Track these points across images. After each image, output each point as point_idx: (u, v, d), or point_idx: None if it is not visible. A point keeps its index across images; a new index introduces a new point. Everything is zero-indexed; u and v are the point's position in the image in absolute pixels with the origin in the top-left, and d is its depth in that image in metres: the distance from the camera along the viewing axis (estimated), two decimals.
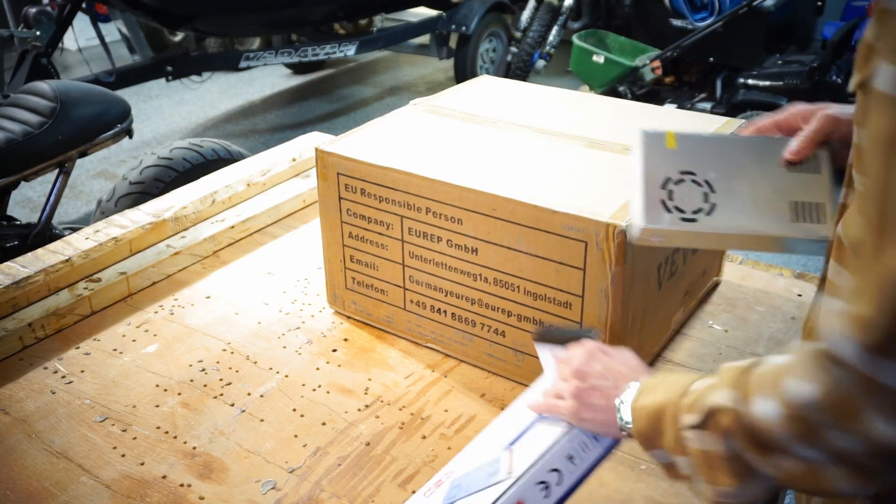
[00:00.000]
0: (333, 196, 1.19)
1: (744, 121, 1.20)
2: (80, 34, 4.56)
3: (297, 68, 5.69)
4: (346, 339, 1.24)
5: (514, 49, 4.86)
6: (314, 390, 1.13)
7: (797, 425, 0.63)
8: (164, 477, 0.98)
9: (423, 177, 1.09)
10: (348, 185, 1.17)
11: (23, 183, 2.16)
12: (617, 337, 1.02)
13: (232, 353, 1.21)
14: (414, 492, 0.95)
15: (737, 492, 0.71)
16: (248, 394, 1.12)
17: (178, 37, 5.25)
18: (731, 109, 3.82)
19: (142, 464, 1.00)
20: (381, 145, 1.18)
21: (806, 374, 0.63)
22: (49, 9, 3.61)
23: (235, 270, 1.45)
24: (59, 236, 2.18)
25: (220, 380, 1.15)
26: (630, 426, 0.80)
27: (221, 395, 1.12)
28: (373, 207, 1.16)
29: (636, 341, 1.08)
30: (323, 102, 5.24)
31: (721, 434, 0.70)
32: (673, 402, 0.76)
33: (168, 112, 4.99)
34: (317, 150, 1.18)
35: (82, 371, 1.18)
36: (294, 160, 1.72)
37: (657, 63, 4.07)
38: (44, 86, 2.15)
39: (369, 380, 1.15)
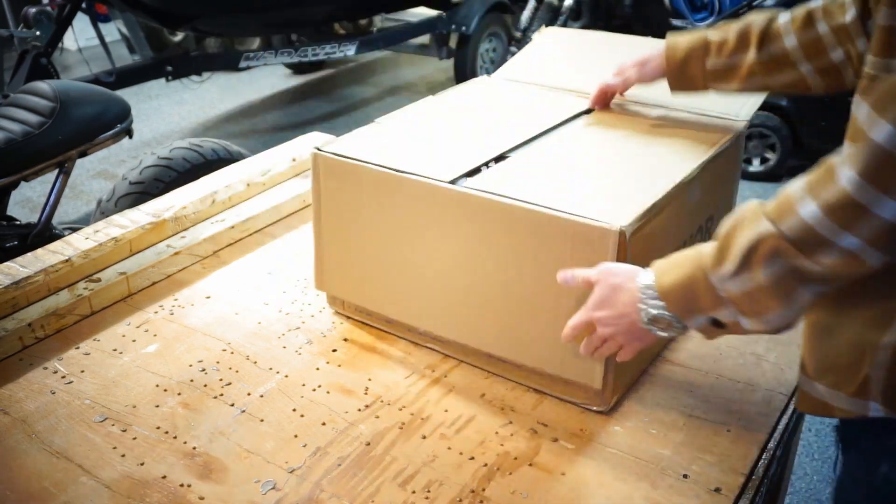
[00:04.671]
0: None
1: None
2: (79, 34, 4.55)
3: (297, 68, 5.68)
4: (346, 339, 1.24)
5: (514, 49, 4.86)
6: (314, 390, 1.13)
7: (839, 214, 0.72)
8: (164, 477, 0.98)
9: (419, 179, 1.09)
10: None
11: (23, 183, 2.16)
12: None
13: (232, 353, 1.21)
14: (414, 492, 0.95)
15: (783, 312, 0.79)
16: (248, 394, 1.12)
17: (178, 37, 5.25)
18: None
19: (142, 464, 1.00)
20: (381, 145, 1.18)
21: (832, 176, 0.73)
22: (49, 9, 3.61)
23: (235, 270, 1.44)
24: (58, 236, 2.18)
25: (220, 380, 1.15)
26: (669, 334, 0.89)
27: (221, 395, 1.12)
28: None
29: None
30: (323, 102, 5.23)
31: (764, 261, 0.77)
32: (698, 267, 0.84)
33: (168, 112, 4.99)
34: (313, 152, 1.18)
35: (82, 371, 1.18)
36: (294, 160, 1.71)
37: None
38: (43, 86, 2.15)
39: (369, 380, 1.15)
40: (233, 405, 1.10)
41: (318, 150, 1.18)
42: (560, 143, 1.23)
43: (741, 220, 0.81)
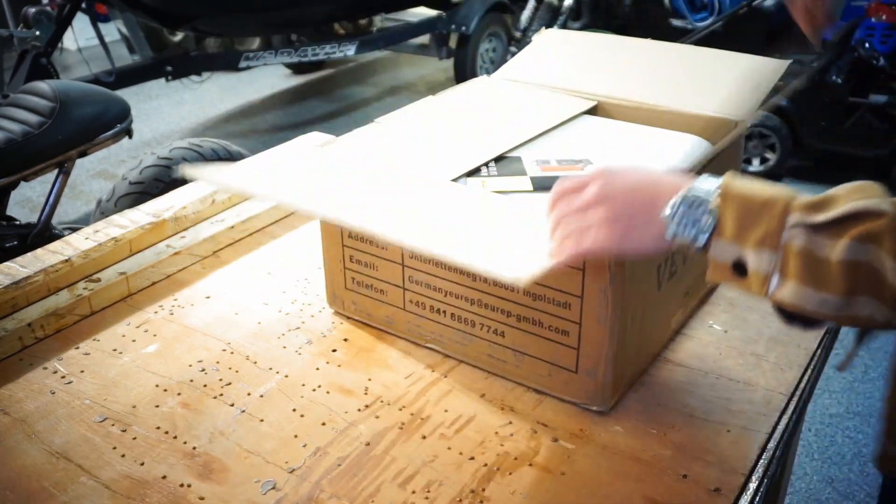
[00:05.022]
0: None
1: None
2: (79, 34, 4.56)
3: (297, 68, 5.69)
4: (346, 339, 1.24)
5: (513, 49, 4.87)
6: (314, 390, 1.13)
7: None
8: (164, 477, 0.98)
9: (417, 178, 1.09)
10: None
11: (23, 183, 2.17)
12: (617, 337, 1.02)
13: (232, 353, 1.21)
14: (414, 492, 0.95)
15: (830, 300, 0.67)
16: (248, 394, 1.12)
17: (178, 37, 5.25)
18: None
19: (141, 464, 1.00)
20: (381, 145, 1.18)
21: None
22: (49, 9, 3.61)
23: (235, 270, 1.44)
24: (58, 236, 2.18)
25: (220, 380, 1.15)
26: (693, 237, 0.73)
27: (221, 395, 1.12)
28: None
29: (636, 342, 1.08)
30: (323, 102, 5.24)
31: (858, 238, 0.64)
32: (785, 198, 0.69)
33: (168, 112, 4.99)
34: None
35: (82, 371, 1.18)
36: None
37: None
38: (43, 86, 2.15)
39: (369, 380, 1.15)
40: (233, 405, 1.10)
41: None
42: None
43: (863, 188, 0.69)
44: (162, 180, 2.23)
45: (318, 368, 1.17)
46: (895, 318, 0.66)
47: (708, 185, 0.74)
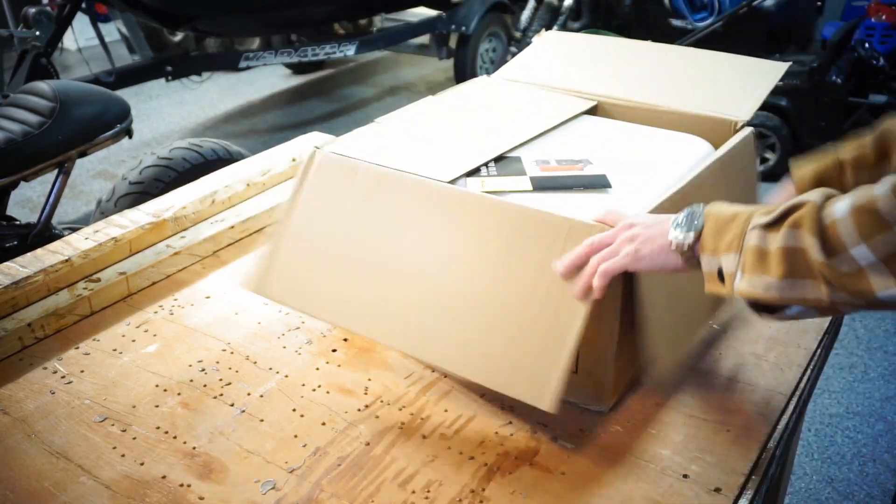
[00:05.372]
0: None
1: None
2: (79, 34, 4.56)
3: (297, 68, 5.69)
4: (345, 339, 1.24)
5: (513, 49, 4.86)
6: (314, 390, 1.13)
7: (861, 220, 0.70)
8: (164, 477, 0.98)
9: (416, 179, 1.09)
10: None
11: (22, 183, 2.16)
12: (616, 337, 1.02)
13: (232, 353, 1.21)
14: (414, 492, 0.95)
15: (773, 283, 0.77)
16: (248, 394, 1.12)
17: (178, 37, 5.25)
18: None
19: (141, 464, 1.00)
20: (381, 145, 1.18)
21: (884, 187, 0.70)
22: (49, 9, 3.61)
23: (235, 270, 1.44)
24: (58, 236, 2.18)
25: (220, 380, 1.15)
26: (681, 238, 0.86)
27: (221, 395, 1.12)
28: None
29: (636, 342, 1.08)
30: (323, 102, 5.24)
31: (789, 226, 0.75)
32: (749, 211, 0.81)
33: (168, 112, 4.99)
34: (313, 150, 1.18)
35: (82, 371, 1.18)
36: (294, 160, 1.71)
37: None
38: (43, 86, 2.15)
39: (369, 380, 1.15)
40: (233, 405, 1.10)
41: (318, 149, 1.18)
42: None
43: (813, 190, 0.79)
44: (162, 180, 2.23)
45: (318, 368, 1.17)
46: (837, 296, 0.74)
47: (696, 218, 0.87)
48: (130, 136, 2.35)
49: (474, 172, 1.13)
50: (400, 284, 1.07)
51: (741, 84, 1.33)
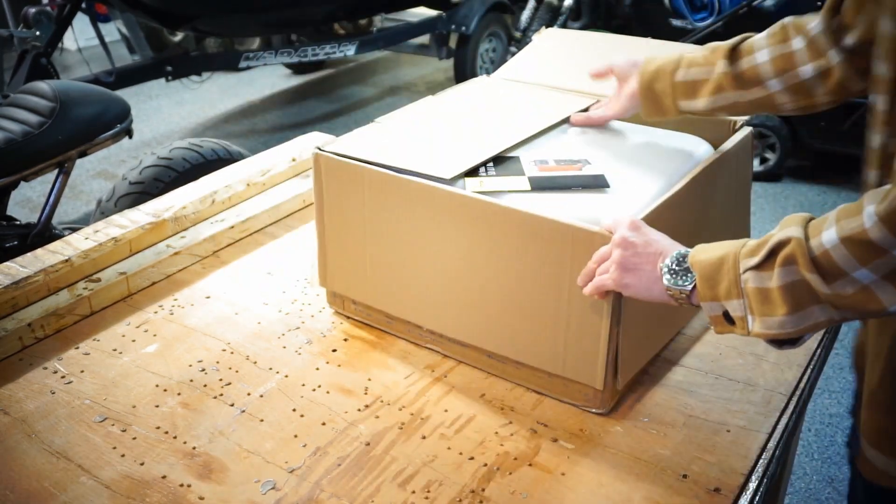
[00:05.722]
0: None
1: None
2: (79, 34, 4.55)
3: (297, 68, 5.68)
4: (345, 339, 1.24)
5: (514, 49, 4.86)
6: (314, 390, 1.13)
7: (856, 249, 0.73)
8: (164, 477, 0.98)
9: (417, 180, 1.09)
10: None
11: (22, 183, 2.16)
12: (616, 338, 1.02)
13: (232, 353, 1.21)
14: (414, 492, 0.95)
15: (788, 321, 0.79)
16: (248, 394, 1.12)
17: (178, 37, 5.25)
18: None
19: (142, 464, 1.00)
20: (381, 145, 1.18)
21: (860, 209, 0.73)
22: (49, 9, 3.61)
23: (235, 270, 1.44)
24: (58, 236, 2.18)
25: (220, 380, 1.15)
26: (678, 287, 0.88)
27: (221, 395, 1.12)
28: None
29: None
30: (323, 102, 5.24)
31: (782, 264, 0.78)
32: (733, 252, 0.84)
33: (168, 112, 4.99)
34: (314, 152, 1.18)
35: (82, 371, 1.18)
36: (294, 160, 1.71)
37: None
38: (43, 86, 2.15)
39: (369, 380, 1.15)
40: (233, 405, 1.10)
41: (320, 149, 1.18)
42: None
43: (787, 221, 0.82)
44: (162, 180, 2.23)
45: (318, 368, 1.17)
46: (847, 314, 0.78)
47: (681, 268, 0.89)
48: (130, 136, 2.35)
49: (473, 172, 1.13)
50: (426, 277, 1.14)
51: None
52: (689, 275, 0.88)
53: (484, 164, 1.14)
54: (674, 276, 0.89)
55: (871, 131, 0.90)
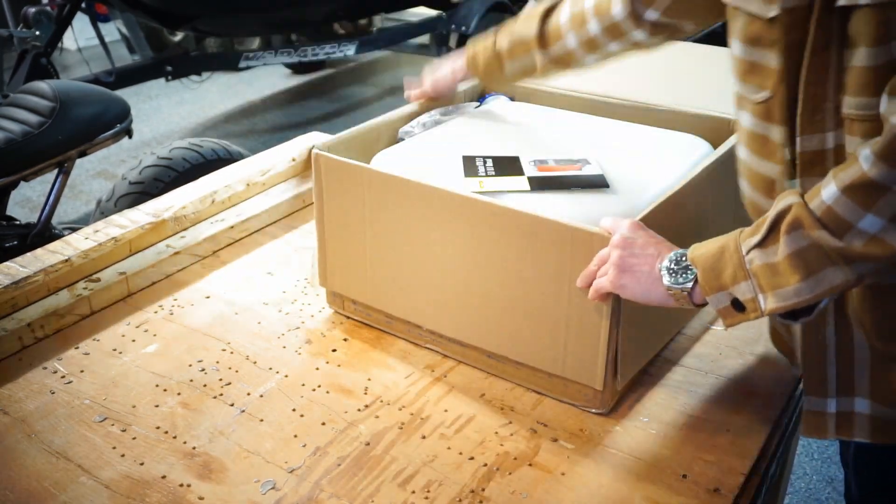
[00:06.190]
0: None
1: None
2: (79, 34, 4.55)
3: (297, 68, 5.68)
4: (345, 339, 1.24)
5: None
6: (314, 390, 1.13)
7: (858, 194, 0.73)
8: (164, 477, 0.98)
9: (415, 181, 1.09)
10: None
11: (23, 183, 2.17)
12: (616, 338, 1.02)
13: (232, 353, 1.21)
14: (414, 492, 0.95)
15: (803, 288, 0.78)
16: (248, 394, 1.12)
17: (178, 37, 5.25)
18: None
19: (141, 464, 1.00)
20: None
21: (854, 159, 0.73)
22: (48, 8, 3.61)
23: (235, 270, 1.44)
24: (58, 236, 2.18)
25: (220, 380, 1.15)
26: (679, 286, 0.88)
27: (221, 395, 1.12)
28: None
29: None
30: (323, 102, 5.24)
31: (787, 231, 0.78)
32: (733, 239, 0.84)
33: (168, 112, 4.99)
34: (312, 151, 1.18)
35: (82, 371, 1.18)
36: (294, 160, 1.71)
37: None
38: (43, 86, 2.15)
39: (369, 380, 1.15)
40: (232, 405, 1.10)
41: (319, 150, 1.18)
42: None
43: (780, 197, 0.81)
44: (162, 180, 2.23)
45: (318, 368, 1.17)
46: (862, 269, 0.77)
47: (680, 265, 0.89)
48: (130, 136, 2.35)
49: (473, 172, 1.13)
50: (426, 278, 1.14)
51: None
52: (689, 272, 0.88)
53: (484, 164, 1.14)
54: (673, 275, 0.89)
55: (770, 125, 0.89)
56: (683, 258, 0.89)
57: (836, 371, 0.93)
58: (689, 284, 0.87)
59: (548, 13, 1.21)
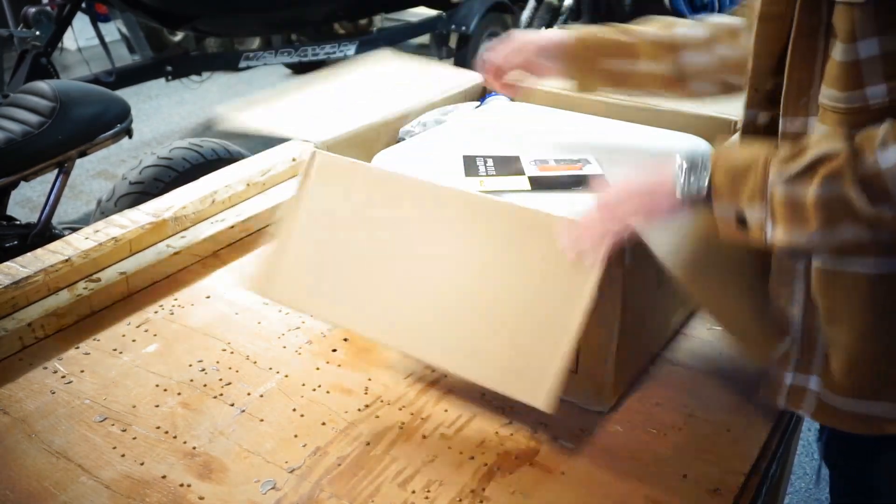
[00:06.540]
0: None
1: None
2: (79, 34, 4.55)
3: (297, 68, 5.68)
4: (346, 339, 1.24)
5: None
6: (314, 390, 1.13)
7: None
8: (164, 477, 0.98)
9: (415, 180, 1.08)
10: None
11: (23, 183, 2.17)
12: (616, 337, 1.02)
13: (232, 353, 1.21)
14: (414, 492, 0.95)
15: (814, 234, 0.77)
16: (248, 394, 1.12)
17: (178, 37, 5.25)
18: None
19: (142, 464, 1.00)
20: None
21: None
22: (48, 8, 3.61)
23: (235, 270, 1.44)
24: (58, 236, 2.18)
25: (220, 380, 1.15)
26: (695, 186, 0.84)
27: (221, 395, 1.12)
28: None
29: (636, 341, 1.08)
30: None
31: (823, 178, 0.75)
32: (763, 156, 0.80)
33: (168, 112, 4.99)
34: (312, 150, 1.18)
35: (82, 371, 1.18)
36: (294, 160, 1.71)
37: None
38: (43, 86, 2.15)
39: (369, 380, 1.15)
40: (233, 405, 1.10)
41: (317, 148, 1.18)
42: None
43: (826, 135, 0.79)
44: (162, 180, 2.23)
45: (318, 368, 1.17)
46: (880, 234, 0.76)
47: (701, 149, 0.88)
48: (130, 136, 2.36)
49: (473, 172, 1.13)
50: (399, 284, 1.07)
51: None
52: (705, 171, 0.84)
53: (484, 163, 1.14)
54: (688, 182, 0.84)
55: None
56: (699, 162, 0.85)
57: (800, 349, 0.94)
58: (705, 184, 0.84)
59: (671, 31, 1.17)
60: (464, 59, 4.91)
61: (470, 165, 1.15)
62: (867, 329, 0.87)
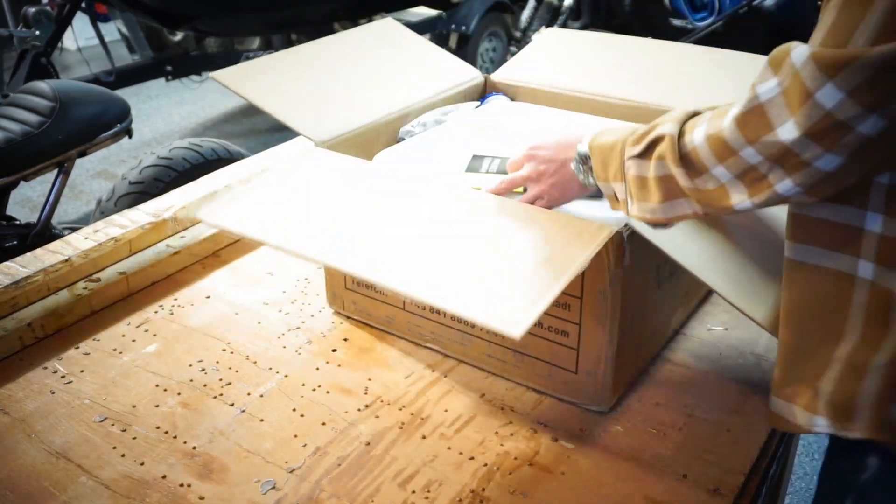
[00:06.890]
0: None
1: None
2: (79, 34, 4.55)
3: None
4: (345, 339, 1.24)
5: (514, 49, 4.86)
6: (314, 390, 1.13)
7: (715, 147, 0.77)
8: (164, 477, 0.98)
9: (411, 173, 1.09)
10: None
11: (23, 183, 2.17)
12: (616, 337, 1.02)
13: (232, 353, 1.21)
14: (414, 492, 0.95)
15: (657, 207, 0.87)
16: (248, 394, 1.12)
17: (178, 37, 5.25)
18: None
19: (141, 464, 1.00)
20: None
21: (738, 103, 0.76)
22: (48, 8, 3.61)
23: (235, 270, 1.44)
24: (58, 236, 2.18)
25: (220, 380, 1.15)
26: (588, 180, 0.96)
27: (221, 395, 1.12)
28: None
29: (636, 341, 1.08)
30: None
31: (656, 157, 0.84)
32: (622, 140, 0.90)
33: (168, 112, 4.99)
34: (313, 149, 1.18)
35: (82, 371, 1.18)
36: None
37: None
38: (43, 85, 2.15)
39: (369, 380, 1.15)
40: (233, 405, 1.10)
41: (318, 147, 1.18)
42: None
43: (671, 116, 0.85)
44: (162, 180, 2.23)
45: (318, 368, 1.17)
46: (708, 208, 0.83)
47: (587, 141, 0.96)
48: (130, 136, 2.35)
49: (475, 169, 1.13)
50: (386, 219, 1.00)
51: (740, 82, 1.33)
52: (589, 163, 0.95)
53: (490, 163, 1.14)
54: (580, 172, 0.97)
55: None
56: (584, 149, 0.96)
57: None
58: (592, 180, 0.96)
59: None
60: (463, 58, 4.92)
61: (475, 164, 1.15)
62: (784, 320, 0.88)
